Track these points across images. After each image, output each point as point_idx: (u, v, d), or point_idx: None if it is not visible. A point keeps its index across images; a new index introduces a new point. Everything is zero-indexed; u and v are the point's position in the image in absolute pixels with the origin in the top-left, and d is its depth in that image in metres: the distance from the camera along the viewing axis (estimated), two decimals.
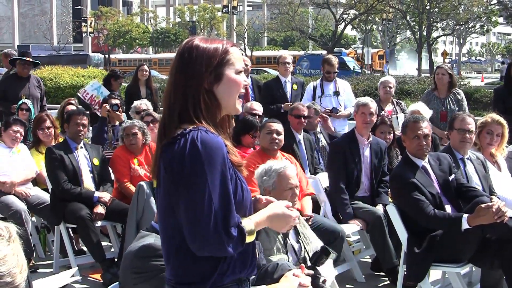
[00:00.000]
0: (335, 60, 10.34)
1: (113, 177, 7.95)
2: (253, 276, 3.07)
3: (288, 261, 4.82)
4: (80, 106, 9.76)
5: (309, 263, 4.67)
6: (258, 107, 8.91)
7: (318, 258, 4.65)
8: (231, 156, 2.91)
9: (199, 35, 3.05)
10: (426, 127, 6.14)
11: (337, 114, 9.82)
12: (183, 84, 2.90)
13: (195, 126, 2.83)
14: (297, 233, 5.25)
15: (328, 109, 9.75)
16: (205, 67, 2.89)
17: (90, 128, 9.88)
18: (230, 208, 2.80)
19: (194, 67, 2.90)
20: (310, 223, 6.25)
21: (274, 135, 7.01)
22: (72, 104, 9.81)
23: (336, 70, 10.16)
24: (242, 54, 3.11)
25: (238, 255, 2.90)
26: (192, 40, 2.98)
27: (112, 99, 9.56)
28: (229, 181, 2.83)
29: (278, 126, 7.10)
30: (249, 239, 2.86)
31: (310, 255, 5.10)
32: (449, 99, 9.66)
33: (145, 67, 12.07)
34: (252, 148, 7.74)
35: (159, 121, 8.42)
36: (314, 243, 5.37)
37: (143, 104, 9.62)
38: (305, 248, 5.19)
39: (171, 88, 2.94)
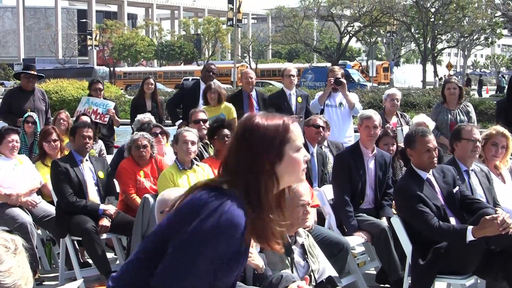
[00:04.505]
0: (338, 69, 10.44)
1: (118, 190, 7.97)
2: None
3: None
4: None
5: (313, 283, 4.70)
6: None
7: (323, 287, 4.69)
8: (247, 235, 2.87)
9: (259, 115, 2.94)
10: (433, 140, 6.18)
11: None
12: (246, 163, 2.89)
13: (233, 189, 2.84)
14: (304, 252, 5.25)
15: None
16: (266, 149, 2.88)
17: (100, 141, 9.97)
18: None
19: (255, 149, 2.89)
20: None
21: None
22: (85, 115, 9.97)
23: (339, 76, 10.15)
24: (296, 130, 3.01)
25: None
26: (252, 118, 2.96)
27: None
28: (223, 265, 2.82)
29: None
30: None
31: (317, 276, 5.12)
32: (458, 110, 9.63)
33: (151, 80, 12.06)
34: None
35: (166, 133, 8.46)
36: (322, 263, 5.37)
37: (146, 117, 9.62)
38: (311, 267, 5.19)
39: (236, 158, 2.93)
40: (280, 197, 2.98)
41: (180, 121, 10.74)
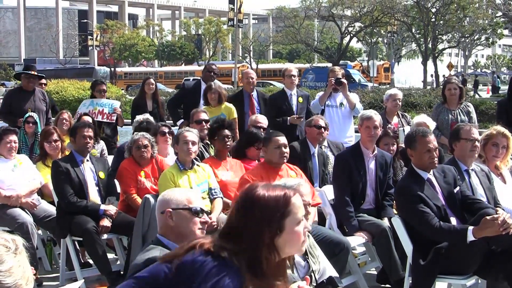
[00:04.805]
0: (339, 69, 10.44)
1: (119, 190, 7.96)
2: None
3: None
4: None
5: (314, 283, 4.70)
6: (263, 120, 8.94)
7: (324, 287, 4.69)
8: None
9: (261, 186, 2.99)
10: (434, 140, 6.18)
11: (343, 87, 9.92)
12: (247, 234, 2.92)
13: (235, 259, 2.87)
14: (305, 252, 5.24)
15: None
16: (266, 222, 2.91)
17: (102, 142, 9.97)
18: None
19: (256, 221, 2.91)
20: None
21: (283, 149, 6.99)
22: (87, 115, 9.98)
23: (340, 77, 10.12)
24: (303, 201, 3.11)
25: None
26: (254, 189, 2.98)
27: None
28: None
29: (284, 139, 7.09)
30: None
31: (317, 276, 5.11)
32: (459, 110, 9.64)
33: (152, 80, 12.06)
34: (256, 161, 7.75)
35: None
36: (322, 264, 5.36)
37: (145, 118, 9.59)
38: (311, 267, 5.19)
39: (237, 228, 2.96)
40: (280, 265, 3.00)
41: (182, 120, 10.76)
